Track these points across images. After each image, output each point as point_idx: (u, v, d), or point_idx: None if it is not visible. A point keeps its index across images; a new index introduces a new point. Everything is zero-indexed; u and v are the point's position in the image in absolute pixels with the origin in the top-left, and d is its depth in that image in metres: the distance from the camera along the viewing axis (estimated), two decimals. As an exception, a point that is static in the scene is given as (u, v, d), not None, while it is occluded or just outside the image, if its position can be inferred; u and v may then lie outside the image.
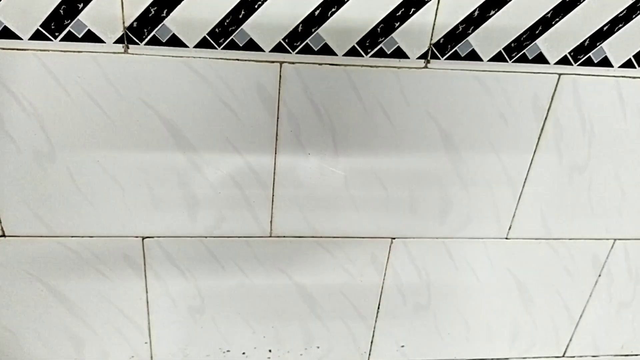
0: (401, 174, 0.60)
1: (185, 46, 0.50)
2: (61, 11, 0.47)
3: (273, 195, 0.60)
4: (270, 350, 0.72)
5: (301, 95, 0.54)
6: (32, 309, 0.64)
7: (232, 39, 0.50)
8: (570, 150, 0.61)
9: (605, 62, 0.56)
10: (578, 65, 0.56)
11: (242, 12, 0.49)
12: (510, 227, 0.66)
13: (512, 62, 0.55)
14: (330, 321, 0.70)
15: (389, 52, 0.53)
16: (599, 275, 0.72)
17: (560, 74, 0.56)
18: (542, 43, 0.54)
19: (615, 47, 0.56)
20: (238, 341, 0.70)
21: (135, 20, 0.49)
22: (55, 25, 0.48)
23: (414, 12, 0.51)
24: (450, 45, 0.53)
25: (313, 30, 0.51)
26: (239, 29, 0.50)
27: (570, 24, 0.54)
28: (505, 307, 0.73)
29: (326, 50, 0.52)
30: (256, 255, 0.64)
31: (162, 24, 0.49)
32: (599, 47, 0.55)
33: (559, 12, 0.53)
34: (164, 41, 0.50)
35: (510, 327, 0.75)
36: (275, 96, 0.54)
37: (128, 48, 0.50)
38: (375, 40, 0.52)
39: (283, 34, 0.51)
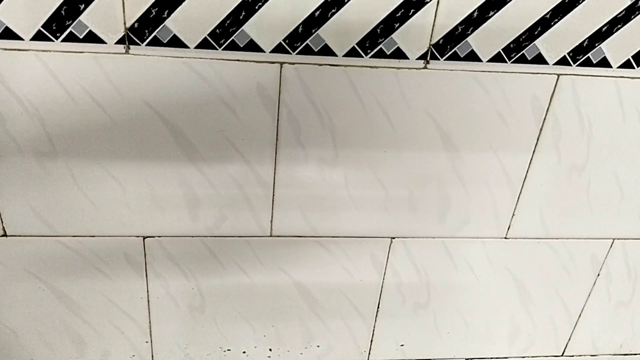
0: (401, 174, 0.60)
1: (186, 47, 0.50)
2: (62, 12, 0.48)
3: (273, 195, 0.60)
4: (270, 349, 0.72)
5: (301, 95, 0.54)
6: (33, 309, 0.64)
7: (232, 39, 0.50)
8: (569, 150, 0.61)
9: (604, 63, 0.57)
10: (577, 65, 0.56)
11: (243, 13, 0.49)
12: (509, 227, 0.66)
13: (511, 62, 0.55)
14: (330, 320, 0.70)
15: (388, 53, 0.53)
16: (598, 275, 0.72)
17: (559, 75, 0.57)
18: (541, 43, 0.55)
19: (614, 48, 0.56)
20: (238, 340, 0.71)
21: (136, 21, 0.49)
22: (56, 26, 0.48)
23: (414, 13, 0.51)
24: (450, 45, 0.54)
25: (313, 31, 0.51)
26: (240, 29, 0.50)
27: (569, 24, 0.54)
28: (504, 306, 0.73)
29: (326, 50, 0.52)
30: (256, 255, 0.64)
31: (163, 24, 0.49)
32: (598, 47, 0.56)
33: (557, 13, 0.53)
34: (165, 42, 0.50)
35: (509, 326, 0.75)
36: (275, 96, 0.54)
37: (129, 49, 0.50)
38: (375, 41, 0.52)
39: (283, 35, 0.51)
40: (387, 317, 0.71)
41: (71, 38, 0.49)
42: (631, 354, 0.81)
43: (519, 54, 0.55)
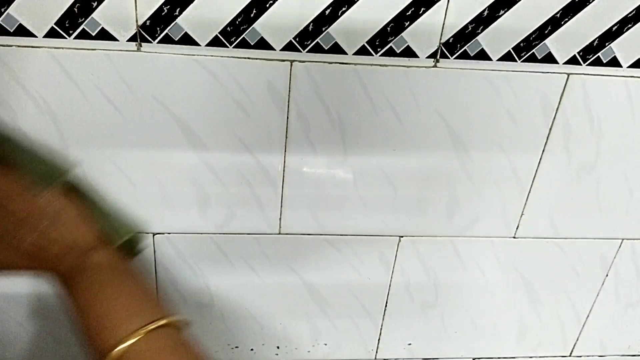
0: (410, 173, 0.61)
1: (197, 45, 0.51)
2: (75, 9, 0.48)
3: (282, 193, 0.60)
4: (278, 347, 0.72)
5: (311, 93, 0.54)
6: (43, 304, 0.64)
7: (243, 37, 0.51)
8: (579, 150, 0.61)
9: (614, 62, 0.57)
10: (587, 65, 0.56)
11: (254, 11, 0.50)
12: (517, 226, 0.66)
13: (521, 61, 0.55)
14: (338, 318, 0.71)
15: (398, 51, 0.53)
16: (607, 275, 0.72)
17: (569, 74, 0.57)
18: (551, 43, 0.55)
19: (625, 47, 0.56)
20: (246, 337, 0.71)
21: (148, 19, 0.49)
22: (69, 23, 0.49)
23: (424, 12, 0.51)
24: (460, 44, 0.54)
25: (323, 29, 0.51)
26: (250, 27, 0.50)
27: (580, 24, 0.54)
28: (512, 306, 0.73)
29: (336, 49, 0.52)
30: (265, 253, 0.64)
31: (174, 22, 0.49)
32: (608, 47, 0.56)
33: (568, 12, 0.53)
34: (176, 39, 0.50)
35: (517, 326, 0.75)
36: (285, 94, 0.54)
37: (141, 46, 0.50)
38: (385, 40, 0.52)
39: (294, 33, 0.51)
40: (394, 316, 0.71)
41: (83, 35, 0.49)
42: (639, 355, 0.80)
43: (529, 53, 0.55)
